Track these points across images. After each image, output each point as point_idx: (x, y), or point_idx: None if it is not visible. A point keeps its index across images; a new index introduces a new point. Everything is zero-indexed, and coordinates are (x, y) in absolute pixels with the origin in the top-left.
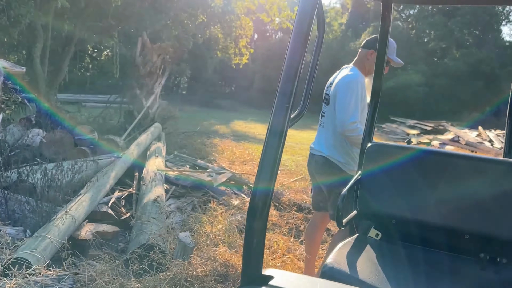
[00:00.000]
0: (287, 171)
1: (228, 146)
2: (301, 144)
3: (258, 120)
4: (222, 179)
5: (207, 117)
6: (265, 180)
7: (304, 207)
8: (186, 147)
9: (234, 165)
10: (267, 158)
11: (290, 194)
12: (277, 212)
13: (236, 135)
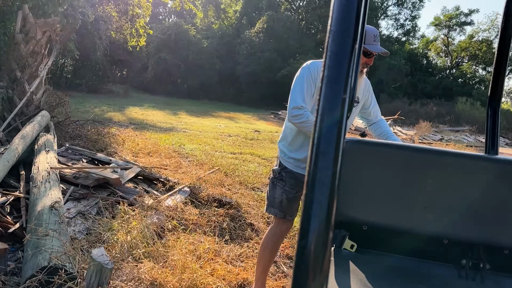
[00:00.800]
0: (197, 162)
1: (129, 136)
2: (205, 132)
3: (156, 106)
4: (130, 175)
5: (98, 103)
6: (321, 223)
7: (225, 202)
8: (80, 137)
9: (139, 158)
10: (321, 191)
11: (208, 188)
12: (197, 210)
13: (134, 123)
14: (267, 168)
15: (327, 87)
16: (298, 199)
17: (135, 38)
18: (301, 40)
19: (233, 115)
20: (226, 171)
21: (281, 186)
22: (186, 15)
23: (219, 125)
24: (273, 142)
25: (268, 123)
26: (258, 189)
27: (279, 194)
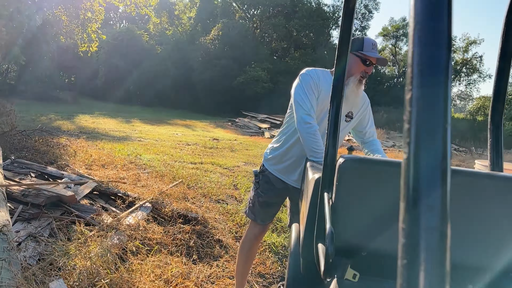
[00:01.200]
0: (157, 173)
1: (80, 147)
2: (161, 141)
3: (107, 114)
4: (85, 190)
5: (45, 111)
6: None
7: (191, 217)
8: (27, 149)
9: (93, 171)
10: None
11: (172, 203)
12: (160, 227)
13: (84, 132)
14: (230, 178)
15: (422, 111)
16: (271, 206)
17: (86, 43)
18: (256, 48)
19: (189, 123)
20: (188, 183)
21: (254, 189)
22: (138, 20)
23: (176, 133)
24: (233, 150)
25: (226, 131)
26: (223, 201)
27: (252, 196)
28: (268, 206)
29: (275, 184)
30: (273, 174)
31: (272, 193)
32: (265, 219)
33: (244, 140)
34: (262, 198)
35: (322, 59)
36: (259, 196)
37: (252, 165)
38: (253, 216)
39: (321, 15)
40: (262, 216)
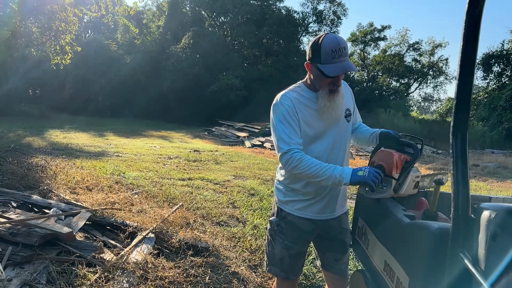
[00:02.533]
0: (147, 194)
1: (59, 167)
2: (141, 156)
3: (78, 128)
4: (80, 223)
5: (11, 127)
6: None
7: (201, 247)
8: (3, 173)
9: (79, 195)
10: None
11: (177, 232)
12: (170, 262)
13: (57, 148)
14: (225, 195)
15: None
16: (302, 256)
17: (60, 55)
18: (228, 55)
19: (165, 134)
20: (186, 205)
21: (280, 241)
22: (104, 30)
23: (154, 146)
24: (218, 163)
25: (204, 141)
26: (225, 223)
27: (279, 251)
28: (301, 256)
29: (303, 227)
30: (299, 216)
31: (301, 240)
32: (298, 271)
33: (225, 150)
34: (294, 250)
35: (294, 65)
36: (289, 249)
37: (241, 178)
38: (285, 274)
39: (291, 22)
40: (295, 270)
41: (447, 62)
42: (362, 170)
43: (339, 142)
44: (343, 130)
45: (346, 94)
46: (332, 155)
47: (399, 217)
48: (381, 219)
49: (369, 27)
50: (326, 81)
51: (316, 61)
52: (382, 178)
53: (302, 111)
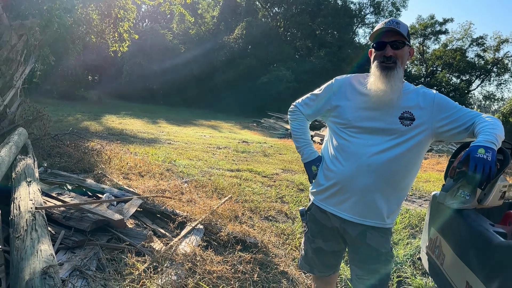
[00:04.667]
0: (197, 183)
1: (114, 152)
2: (191, 144)
3: (133, 114)
4: (131, 210)
5: (72, 111)
6: None
7: (250, 243)
8: (60, 156)
9: (131, 181)
10: None
11: (226, 225)
12: (218, 256)
13: (112, 133)
14: (273, 189)
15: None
16: (327, 254)
17: (118, 42)
18: (280, 47)
19: (215, 124)
20: (234, 198)
21: (305, 233)
22: (160, 19)
23: (203, 135)
24: (266, 155)
25: (253, 132)
26: (273, 218)
27: (303, 243)
28: (324, 253)
29: (322, 220)
30: (318, 207)
31: (323, 235)
32: (325, 269)
33: (274, 142)
34: (315, 244)
35: (348, 58)
36: (311, 242)
37: (290, 172)
38: (308, 267)
39: (347, 13)
40: (320, 267)
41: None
42: (316, 167)
43: (382, 144)
44: (393, 132)
45: (413, 97)
46: (371, 159)
47: (489, 234)
48: (463, 234)
49: (429, 20)
50: (376, 54)
51: (370, 39)
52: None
53: (348, 94)
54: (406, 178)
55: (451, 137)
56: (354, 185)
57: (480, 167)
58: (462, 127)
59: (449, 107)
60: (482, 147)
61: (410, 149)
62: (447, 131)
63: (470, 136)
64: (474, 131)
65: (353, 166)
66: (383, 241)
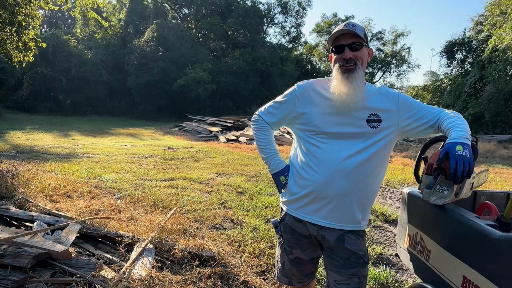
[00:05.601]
0: (131, 198)
1: (32, 172)
2: (113, 156)
3: (40, 128)
4: (71, 237)
5: None
6: None
7: (207, 257)
8: None
9: (59, 204)
10: None
11: (178, 240)
12: (177, 276)
13: (22, 151)
14: (213, 195)
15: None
16: (305, 263)
17: (22, 52)
18: (194, 48)
19: (133, 131)
20: (174, 208)
21: (280, 245)
22: (61, 24)
23: (124, 145)
24: (196, 160)
25: (176, 137)
26: (221, 226)
27: (279, 254)
28: (303, 263)
29: (298, 229)
30: (294, 217)
31: (301, 245)
32: (304, 278)
33: (200, 146)
34: (293, 255)
35: (262, 57)
36: (289, 253)
37: (225, 176)
38: (287, 280)
39: (257, 13)
40: (299, 277)
41: (409, 51)
42: (285, 177)
43: (352, 148)
44: (362, 136)
45: (377, 99)
46: (344, 164)
47: (484, 228)
48: (452, 229)
49: (333, 18)
50: (335, 58)
51: (329, 44)
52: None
53: (313, 100)
54: (377, 179)
55: (417, 134)
56: (330, 191)
57: (460, 164)
58: (427, 124)
59: (413, 105)
60: (459, 143)
61: (380, 150)
62: (413, 129)
63: (435, 132)
64: (441, 127)
65: (327, 172)
66: (360, 243)
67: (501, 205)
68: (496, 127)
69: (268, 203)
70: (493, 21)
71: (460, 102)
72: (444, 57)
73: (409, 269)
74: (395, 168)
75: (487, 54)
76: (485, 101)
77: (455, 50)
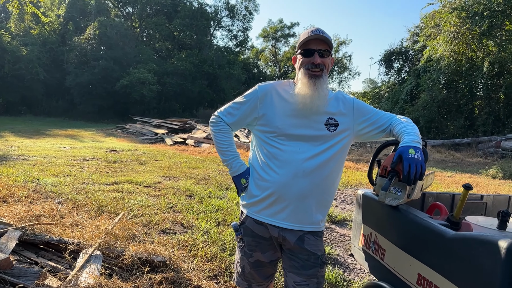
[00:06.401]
0: (73, 203)
1: None
2: (52, 158)
3: None
4: (10, 244)
5: None
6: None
7: (158, 262)
8: None
9: None
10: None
11: (127, 246)
12: (127, 283)
13: None
14: (161, 199)
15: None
16: (266, 266)
17: None
18: (138, 48)
19: (73, 133)
20: (122, 213)
21: (240, 248)
22: None
23: (63, 147)
24: (141, 163)
25: (119, 139)
26: (171, 231)
27: (239, 258)
28: (264, 266)
29: (259, 232)
30: (254, 219)
31: (261, 247)
32: (264, 281)
33: (146, 149)
34: (253, 258)
35: (210, 60)
36: (249, 257)
37: (173, 179)
38: (246, 283)
39: (204, 15)
40: (259, 280)
41: (350, 59)
42: (246, 180)
43: (312, 150)
44: (321, 138)
45: (334, 104)
46: (305, 166)
47: (438, 228)
48: (407, 229)
49: (279, 24)
50: (304, 61)
51: (298, 48)
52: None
53: (274, 102)
54: (336, 181)
55: (370, 137)
56: (291, 192)
57: (413, 167)
58: (380, 129)
59: (367, 110)
60: (411, 147)
61: (337, 153)
62: (367, 133)
63: (387, 136)
64: (393, 131)
65: (288, 173)
66: (318, 244)
67: (447, 205)
68: (430, 133)
69: (218, 206)
70: (428, 32)
71: (397, 108)
72: (383, 66)
73: (357, 268)
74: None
75: (422, 64)
76: (420, 108)
77: (392, 59)
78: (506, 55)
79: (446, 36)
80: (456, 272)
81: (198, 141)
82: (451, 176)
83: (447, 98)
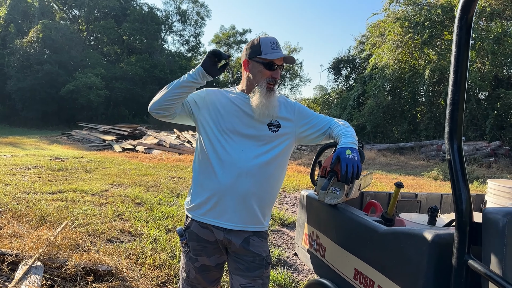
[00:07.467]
0: (13, 213)
1: None
2: None
3: None
4: None
5: None
6: None
7: (104, 271)
8: None
9: None
10: None
11: (70, 256)
12: None
13: None
14: (108, 207)
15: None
16: (211, 270)
17: None
18: (85, 52)
19: (14, 140)
20: (65, 222)
21: (185, 253)
22: None
23: (3, 155)
24: (87, 171)
25: (64, 146)
26: (117, 239)
27: (184, 263)
28: (209, 270)
29: (203, 236)
30: (199, 223)
31: (207, 251)
32: (210, 285)
33: (93, 156)
34: (198, 263)
35: (161, 64)
36: (194, 261)
37: (121, 187)
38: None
39: (154, 20)
40: (204, 284)
41: (301, 66)
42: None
43: (255, 150)
44: (264, 138)
45: (287, 109)
46: (248, 165)
47: (371, 224)
48: (345, 226)
49: (231, 30)
50: (265, 74)
51: (256, 54)
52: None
53: (220, 102)
54: (278, 181)
55: (311, 140)
56: (234, 192)
57: (350, 167)
58: (320, 132)
59: (308, 114)
60: (348, 148)
61: (280, 154)
62: (308, 136)
63: (327, 139)
64: (332, 134)
65: (231, 173)
66: (263, 245)
67: (384, 203)
68: (376, 137)
69: (168, 213)
70: (373, 41)
71: (346, 114)
72: (332, 73)
73: (305, 269)
74: (290, 175)
75: (368, 71)
76: (367, 113)
77: (341, 66)
78: (446, 63)
79: (390, 45)
80: (387, 265)
81: (148, 147)
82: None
83: (392, 104)
